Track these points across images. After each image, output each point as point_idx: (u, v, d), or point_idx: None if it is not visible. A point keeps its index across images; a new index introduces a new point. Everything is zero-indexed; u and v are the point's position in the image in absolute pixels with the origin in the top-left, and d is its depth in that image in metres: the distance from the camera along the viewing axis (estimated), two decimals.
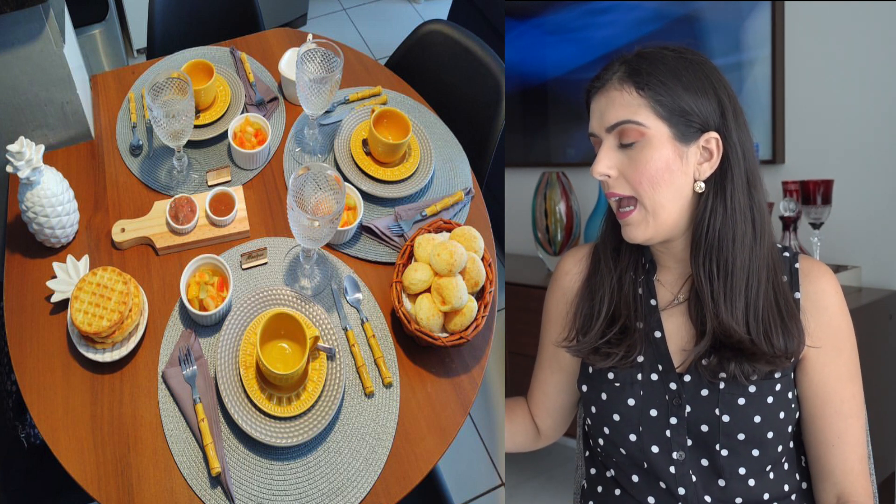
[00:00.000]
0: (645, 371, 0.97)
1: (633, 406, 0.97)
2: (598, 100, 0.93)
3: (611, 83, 0.92)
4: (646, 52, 0.92)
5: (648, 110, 0.89)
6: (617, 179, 0.92)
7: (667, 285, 1.01)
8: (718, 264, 0.91)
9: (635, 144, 0.90)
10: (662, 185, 0.90)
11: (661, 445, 0.96)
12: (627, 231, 0.94)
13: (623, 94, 0.90)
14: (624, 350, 0.97)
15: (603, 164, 0.92)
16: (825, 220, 1.68)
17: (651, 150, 0.89)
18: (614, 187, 0.92)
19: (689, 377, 0.96)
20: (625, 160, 0.91)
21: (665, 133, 0.89)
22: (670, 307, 1.00)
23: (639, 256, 1.02)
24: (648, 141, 0.89)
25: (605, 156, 0.92)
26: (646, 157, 0.89)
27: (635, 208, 0.92)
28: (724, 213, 0.91)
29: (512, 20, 2.41)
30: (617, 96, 0.91)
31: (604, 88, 0.93)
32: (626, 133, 0.90)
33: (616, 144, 0.92)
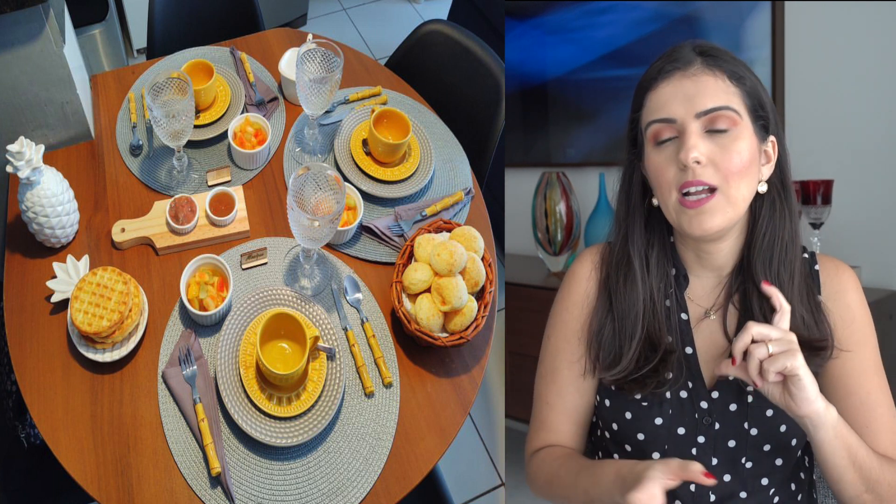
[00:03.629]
0: (673, 389, 0.93)
1: (661, 425, 0.93)
2: (681, 82, 0.87)
3: (696, 67, 0.87)
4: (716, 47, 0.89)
5: (741, 100, 0.87)
6: (705, 167, 0.86)
7: (696, 299, 0.97)
8: (786, 266, 0.90)
9: (729, 132, 0.86)
10: (747, 177, 0.86)
11: None
12: (702, 220, 0.86)
13: (718, 81, 0.86)
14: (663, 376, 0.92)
15: (696, 150, 0.85)
16: (825, 220, 1.68)
17: (742, 141, 0.86)
18: (702, 175, 0.85)
19: (716, 393, 0.93)
20: (714, 148, 0.86)
21: (750, 127, 0.87)
22: (701, 321, 0.96)
23: (668, 267, 0.97)
24: (740, 131, 0.86)
25: (699, 141, 0.85)
26: (739, 147, 0.85)
27: (713, 195, 0.86)
28: (790, 216, 0.90)
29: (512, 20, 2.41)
30: (711, 82, 0.86)
31: (688, 72, 0.87)
32: (720, 119, 0.85)
33: (703, 131, 0.86)
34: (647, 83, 0.91)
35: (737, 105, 0.86)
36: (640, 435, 0.94)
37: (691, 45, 0.90)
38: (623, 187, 0.99)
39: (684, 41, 0.91)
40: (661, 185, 0.89)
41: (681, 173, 0.87)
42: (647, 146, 0.91)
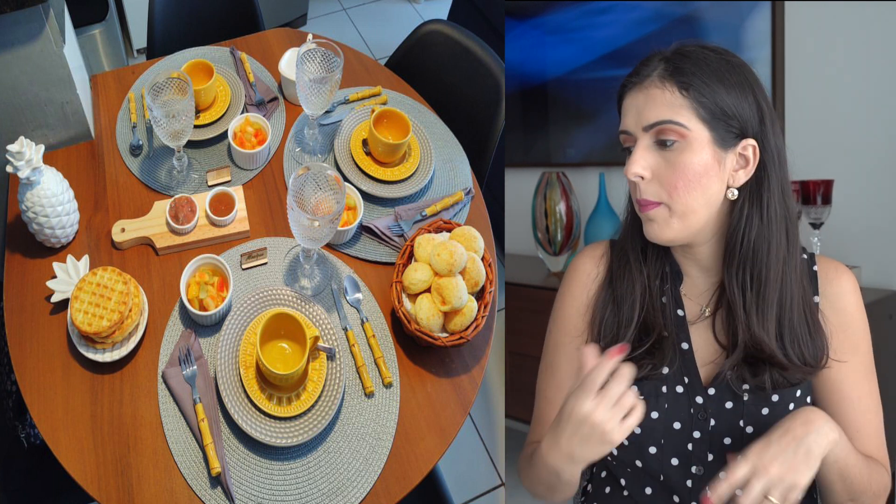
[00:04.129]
0: (670, 383, 0.94)
1: (657, 419, 0.93)
2: (636, 96, 0.88)
3: (650, 80, 0.87)
4: (687, 51, 0.88)
5: (691, 112, 0.85)
6: (650, 182, 0.87)
7: (693, 297, 0.98)
8: (752, 275, 0.89)
9: (674, 145, 0.86)
10: (697, 189, 0.86)
11: (681, 459, 0.94)
12: (650, 228, 0.89)
13: (665, 93, 0.86)
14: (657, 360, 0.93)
15: (638, 165, 0.87)
16: (825, 220, 1.68)
17: (690, 154, 0.85)
18: (645, 192, 0.88)
19: (713, 390, 0.93)
20: (661, 162, 0.87)
21: (706, 136, 0.85)
22: (698, 320, 0.97)
23: (663, 264, 0.98)
24: (689, 143, 0.85)
25: (641, 156, 0.87)
26: (684, 160, 0.85)
27: (659, 205, 0.88)
28: (761, 222, 0.88)
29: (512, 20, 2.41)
30: (658, 94, 0.86)
31: (642, 85, 0.88)
32: (665, 133, 0.86)
33: (652, 144, 0.87)
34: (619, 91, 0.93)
35: (684, 117, 0.85)
36: (636, 429, 0.94)
37: (661, 54, 0.89)
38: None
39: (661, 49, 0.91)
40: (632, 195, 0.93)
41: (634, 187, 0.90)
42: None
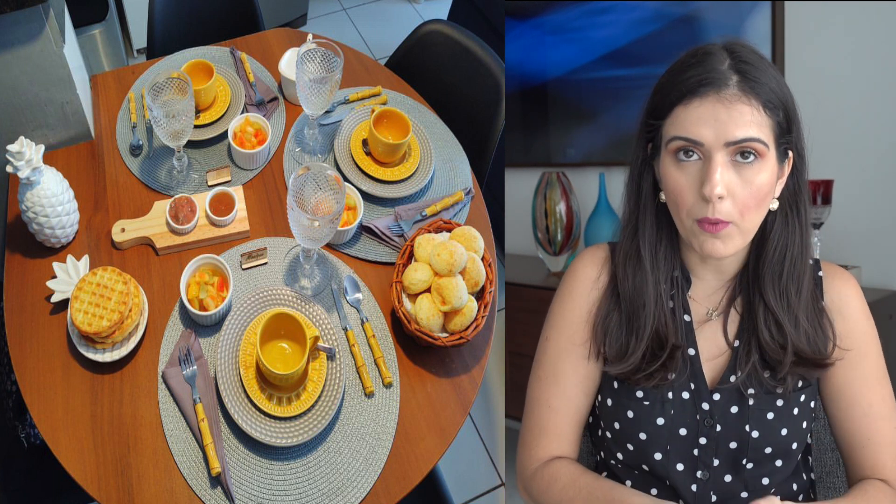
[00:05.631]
0: (676, 389, 0.93)
1: (663, 425, 0.93)
2: (714, 106, 0.83)
3: (732, 92, 0.83)
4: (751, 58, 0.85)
5: (769, 131, 0.84)
6: (724, 201, 0.83)
7: (699, 300, 0.97)
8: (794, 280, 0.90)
9: (753, 163, 0.83)
10: (763, 207, 0.86)
11: (687, 464, 0.93)
12: (715, 245, 0.85)
13: (753, 111, 0.82)
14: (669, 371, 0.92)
15: (722, 186, 0.82)
16: (825, 220, 1.68)
17: (764, 174, 0.84)
18: (719, 212, 0.83)
19: (718, 395, 0.93)
20: (736, 180, 0.83)
21: (774, 155, 0.85)
22: (702, 323, 0.96)
23: (672, 269, 0.96)
24: (764, 163, 0.84)
25: (723, 174, 0.83)
26: (759, 179, 0.83)
27: (728, 224, 0.84)
28: (801, 228, 0.89)
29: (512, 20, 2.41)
30: (747, 112, 0.82)
31: (722, 95, 0.83)
32: (748, 149, 0.83)
33: (729, 161, 0.83)
34: (677, 94, 0.86)
35: (766, 136, 0.83)
36: (641, 434, 0.94)
37: (729, 59, 0.84)
38: (632, 184, 0.96)
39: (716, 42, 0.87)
40: (678, 205, 0.88)
41: (701, 203, 0.85)
42: (666, 156, 0.88)
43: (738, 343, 0.94)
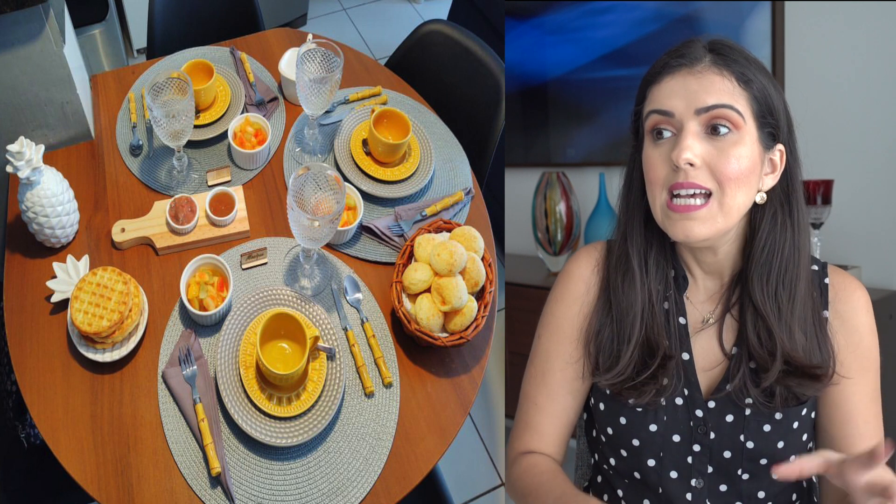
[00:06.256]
0: (669, 396, 0.91)
1: (655, 432, 0.91)
2: (686, 79, 0.83)
3: (704, 65, 0.83)
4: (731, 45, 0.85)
5: (747, 104, 0.82)
6: (699, 170, 0.81)
7: (696, 303, 0.94)
8: (785, 284, 0.87)
9: (728, 135, 0.81)
10: (745, 185, 0.82)
11: (681, 472, 0.91)
12: (690, 227, 0.82)
13: (724, 81, 0.82)
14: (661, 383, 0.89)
15: (690, 151, 0.80)
16: (825, 220, 1.68)
17: (743, 146, 0.81)
18: (695, 177, 0.81)
19: (713, 403, 0.90)
20: (712, 150, 0.81)
21: (754, 134, 0.83)
22: (699, 328, 0.93)
23: (668, 268, 0.93)
24: (741, 136, 0.82)
25: (694, 142, 0.81)
26: (738, 152, 0.81)
27: (707, 202, 0.82)
28: (793, 230, 0.87)
29: (512, 20, 2.41)
30: (717, 81, 0.82)
31: (694, 68, 0.83)
32: (720, 118, 0.81)
33: (702, 131, 0.82)
34: (651, 76, 0.87)
35: (741, 107, 0.82)
36: (634, 441, 0.92)
37: (703, 42, 0.86)
38: (625, 184, 0.96)
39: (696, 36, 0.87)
40: (651, 182, 0.86)
41: (673, 173, 0.83)
42: (646, 140, 0.88)
43: (736, 351, 0.91)
